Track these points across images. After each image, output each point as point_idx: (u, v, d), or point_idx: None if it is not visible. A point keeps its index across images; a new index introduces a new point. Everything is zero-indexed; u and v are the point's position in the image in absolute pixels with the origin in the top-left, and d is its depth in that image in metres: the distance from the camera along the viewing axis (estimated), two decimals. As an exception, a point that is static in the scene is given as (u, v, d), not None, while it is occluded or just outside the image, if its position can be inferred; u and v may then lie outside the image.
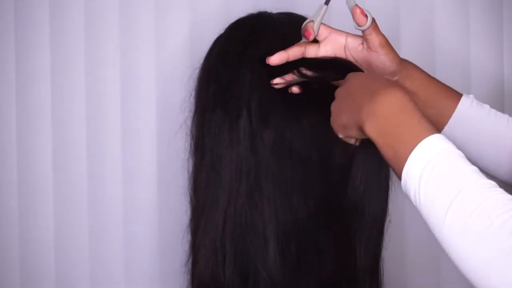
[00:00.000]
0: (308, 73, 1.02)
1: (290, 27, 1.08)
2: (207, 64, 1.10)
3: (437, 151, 0.78)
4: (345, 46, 1.06)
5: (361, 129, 0.88)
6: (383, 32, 1.05)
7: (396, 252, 1.37)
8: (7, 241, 1.35)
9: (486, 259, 0.70)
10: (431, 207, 0.75)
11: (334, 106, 0.95)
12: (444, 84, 1.13)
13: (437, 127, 0.99)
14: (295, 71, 1.02)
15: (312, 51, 1.05)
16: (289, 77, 1.02)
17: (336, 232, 1.03)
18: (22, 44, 1.35)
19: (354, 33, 1.07)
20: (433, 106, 1.09)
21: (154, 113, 1.37)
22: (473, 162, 0.80)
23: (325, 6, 1.06)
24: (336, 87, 0.98)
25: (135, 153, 1.37)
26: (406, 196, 0.82)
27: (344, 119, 0.92)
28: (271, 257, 1.01)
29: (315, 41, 1.06)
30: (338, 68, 1.03)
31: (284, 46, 1.03)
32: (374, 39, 1.03)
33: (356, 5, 1.03)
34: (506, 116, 1.12)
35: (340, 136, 0.95)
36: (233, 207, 1.02)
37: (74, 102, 1.35)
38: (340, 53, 1.07)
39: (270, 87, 1.02)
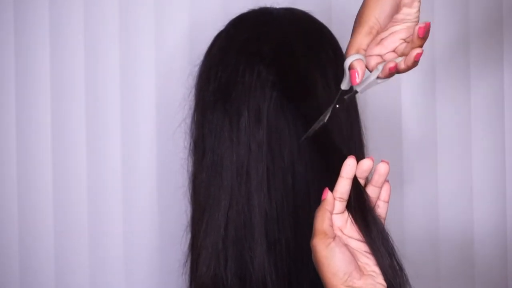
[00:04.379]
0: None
1: (291, 24, 1.06)
2: (207, 62, 1.08)
3: None
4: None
5: None
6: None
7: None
8: (7, 241, 1.34)
9: None
10: None
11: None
12: None
13: None
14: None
15: None
16: None
17: None
18: (21, 42, 1.34)
19: None
20: None
21: (153, 111, 1.36)
22: None
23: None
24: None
25: (134, 151, 1.36)
26: (404, 198, 0.82)
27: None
28: (263, 259, 1.00)
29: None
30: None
31: (285, 44, 1.03)
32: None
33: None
34: None
35: None
36: (235, 209, 1.01)
37: (73, 100, 1.35)
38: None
39: (268, 87, 1.02)
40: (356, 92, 0.95)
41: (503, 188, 1.47)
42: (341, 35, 1.07)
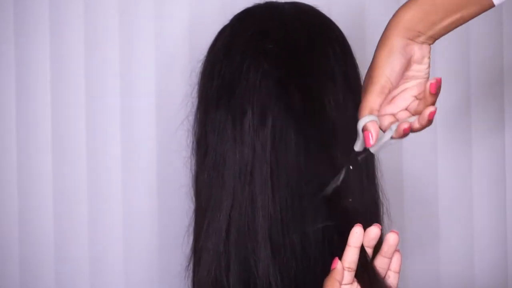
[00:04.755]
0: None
1: (297, 19, 1.05)
2: (211, 58, 1.06)
3: None
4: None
5: None
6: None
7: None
8: (7, 241, 1.34)
9: None
10: None
11: None
12: None
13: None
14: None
15: None
16: None
17: (334, 239, 0.99)
18: (21, 42, 1.34)
19: None
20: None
21: (153, 110, 1.36)
22: None
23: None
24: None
25: (134, 151, 1.36)
26: (405, 196, 0.81)
27: None
28: (267, 263, 0.98)
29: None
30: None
31: (290, 41, 1.02)
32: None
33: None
34: None
35: None
36: (237, 210, 0.99)
37: (73, 99, 1.35)
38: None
39: (273, 85, 1.00)
40: (369, 152, 0.93)
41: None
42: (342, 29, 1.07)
